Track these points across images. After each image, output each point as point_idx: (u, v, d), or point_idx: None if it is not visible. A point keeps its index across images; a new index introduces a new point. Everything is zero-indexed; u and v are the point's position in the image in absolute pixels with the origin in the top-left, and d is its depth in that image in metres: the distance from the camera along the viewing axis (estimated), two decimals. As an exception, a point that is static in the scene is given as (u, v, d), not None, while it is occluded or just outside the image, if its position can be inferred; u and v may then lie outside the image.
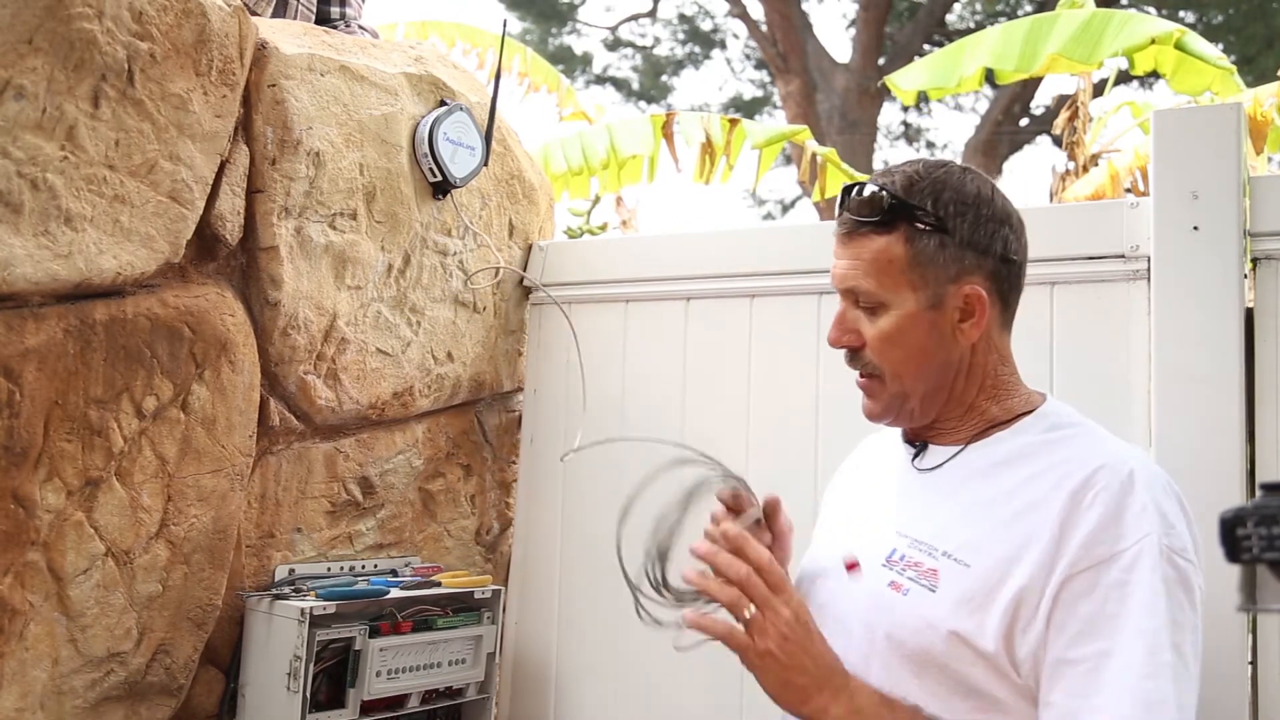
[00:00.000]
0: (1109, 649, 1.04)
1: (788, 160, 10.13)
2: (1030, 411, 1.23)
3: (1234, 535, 0.68)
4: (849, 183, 1.26)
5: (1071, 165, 5.78)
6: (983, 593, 1.11)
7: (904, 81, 4.93)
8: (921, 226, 1.19)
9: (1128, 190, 5.08)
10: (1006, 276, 1.24)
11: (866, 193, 1.22)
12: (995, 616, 1.09)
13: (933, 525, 1.20)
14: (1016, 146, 12.25)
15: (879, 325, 1.22)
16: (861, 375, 1.25)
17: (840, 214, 1.25)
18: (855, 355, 1.25)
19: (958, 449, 1.23)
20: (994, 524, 1.14)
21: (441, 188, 1.94)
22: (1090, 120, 5.81)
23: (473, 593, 1.83)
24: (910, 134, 14.21)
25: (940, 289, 1.20)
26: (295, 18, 2.18)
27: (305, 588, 1.70)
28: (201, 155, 1.54)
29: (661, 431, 2.01)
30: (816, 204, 6.37)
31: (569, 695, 2.03)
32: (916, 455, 1.28)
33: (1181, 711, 1.03)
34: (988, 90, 10.98)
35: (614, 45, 15.00)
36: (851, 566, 1.22)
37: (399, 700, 1.73)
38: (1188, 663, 1.05)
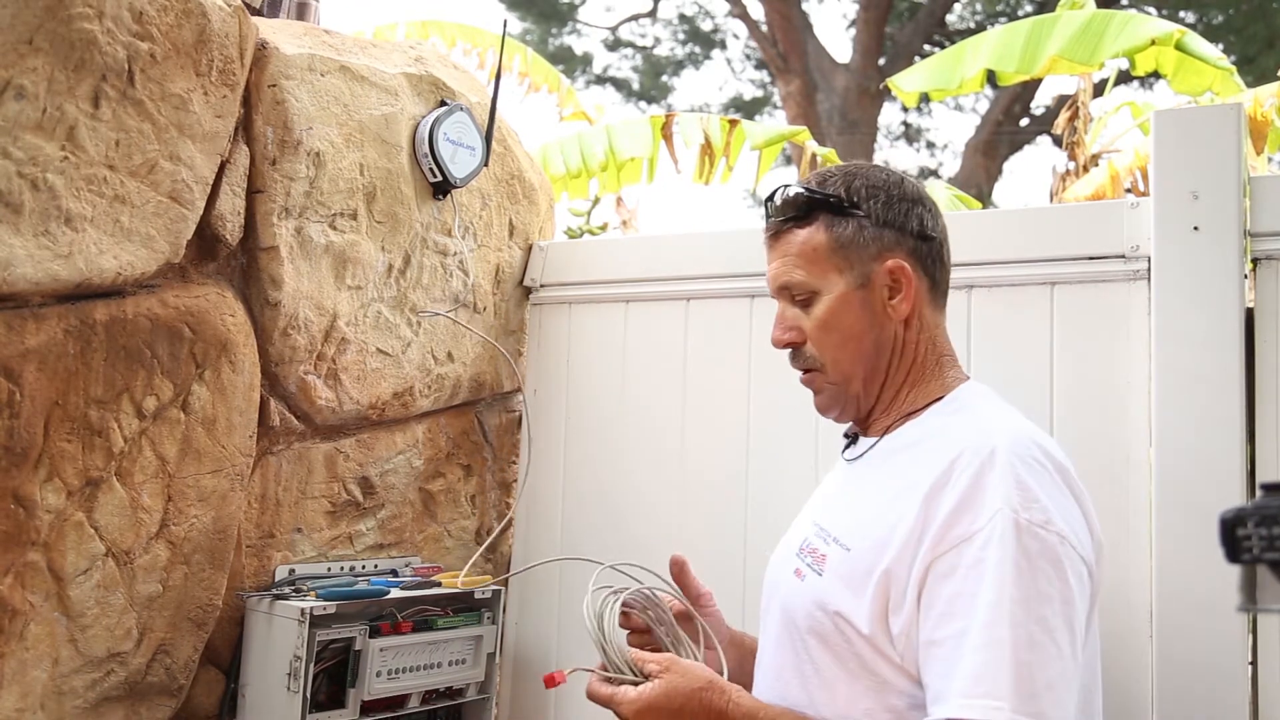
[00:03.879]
0: (966, 628, 1.06)
1: (788, 160, 10.14)
2: (943, 397, 1.26)
3: (1234, 535, 0.68)
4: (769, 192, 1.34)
5: (1072, 165, 5.79)
6: (859, 575, 1.15)
7: (905, 83, 4.93)
8: (837, 213, 1.26)
9: (1128, 190, 5.08)
10: (928, 253, 1.29)
11: (783, 194, 1.30)
12: (867, 597, 1.13)
13: (834, 512, 1.26)
14: (1017, 146, 12.25)
15: (814, 314, 1.27)
16: (804, 372, 1.31)
17: (766, 221, 1.33)
18: (797, 353, 1.30)
19: (876, 439, 1.28)
20: (874, 508, 1.19)
21: (442, 188, 1.94)
22: (1090, 120, 5.81)
23: (473, 593, 1.83)
24: (910, 134, 14.21)
25: (865, 267, 1.26)
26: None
27: (305, 588, 1.70)
28: (202, 155, 1.54)
29: (663, 431, 2.01)
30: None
31: (569, 695, 2.03)
32: (847, 448, 1.35)
33: (1022, 683, 1.02)
34: (988, 90, 10.98)
35: (614, 45, 15.00)
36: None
37: (399, 700, 1.73)
38: (1053, 633, 1.05)
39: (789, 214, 1.29)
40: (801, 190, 1.28)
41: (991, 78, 4.76)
